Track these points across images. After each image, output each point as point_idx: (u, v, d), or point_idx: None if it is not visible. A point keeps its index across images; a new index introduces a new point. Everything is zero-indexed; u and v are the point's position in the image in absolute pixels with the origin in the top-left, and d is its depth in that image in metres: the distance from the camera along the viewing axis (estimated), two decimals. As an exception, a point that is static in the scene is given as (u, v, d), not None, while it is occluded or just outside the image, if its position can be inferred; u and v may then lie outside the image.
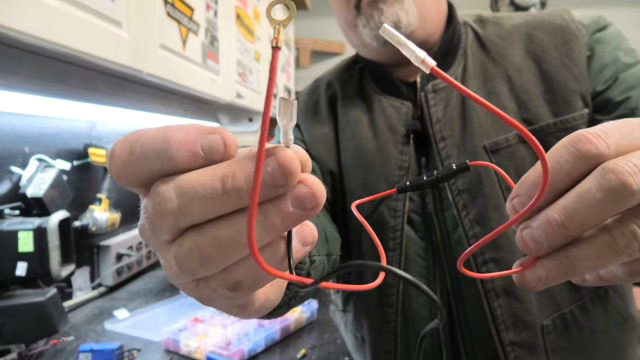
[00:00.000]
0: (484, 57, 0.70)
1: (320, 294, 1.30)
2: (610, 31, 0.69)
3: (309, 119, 0.79)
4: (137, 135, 0.23)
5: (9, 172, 1.07)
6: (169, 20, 1.09)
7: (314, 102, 0.80)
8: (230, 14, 1.56)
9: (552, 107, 0.65)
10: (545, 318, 0.64)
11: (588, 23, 0.69)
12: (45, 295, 0.89)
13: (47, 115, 1.19)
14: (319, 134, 0.76)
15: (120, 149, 0.23)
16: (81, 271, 1.32)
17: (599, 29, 0.69)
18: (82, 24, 0.77)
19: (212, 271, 0.23)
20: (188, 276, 0.24)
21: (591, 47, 0.67)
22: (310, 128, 0.78)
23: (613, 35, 0.68)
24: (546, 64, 0.67)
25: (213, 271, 0.23)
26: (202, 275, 0.23)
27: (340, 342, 0.99)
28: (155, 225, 0.23)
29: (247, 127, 2.06)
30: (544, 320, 0.63)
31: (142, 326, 1.08)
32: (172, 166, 0.22)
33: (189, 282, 0.25)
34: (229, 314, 0.29)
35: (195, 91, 1.28)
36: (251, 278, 0.24)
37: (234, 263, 0.23)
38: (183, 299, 1.28)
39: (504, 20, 0.74)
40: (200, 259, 0.22)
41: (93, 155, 1.31)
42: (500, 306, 0.63)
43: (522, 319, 0.63)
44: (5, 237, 0.89)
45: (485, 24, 0.74)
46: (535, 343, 0.63)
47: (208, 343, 0.91)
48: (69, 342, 1.00)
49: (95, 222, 1.28)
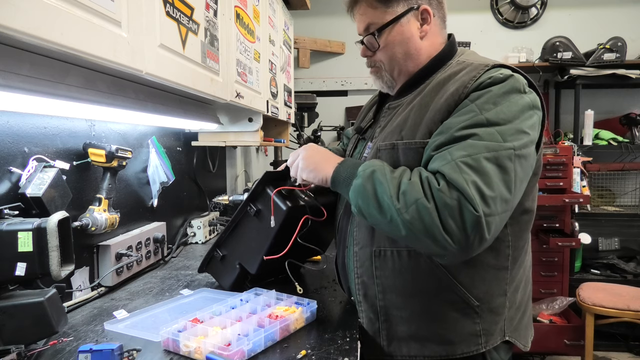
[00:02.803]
0: (422, 92, 1.05)
1: (320, 295, 1.30)
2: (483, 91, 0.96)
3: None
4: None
5: (9, 172, 1.07)
6: (168, 20, 1.08)
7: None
8: (230, 14, 1.56)
9: (415, 133, 1.00)
10: (374, 247, 1.06)
11: (479, 82, 0.96)
12: (44, 295, 0.89)
13: (46, 115, 1.18)
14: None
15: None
16: (81, 271, 1.32)
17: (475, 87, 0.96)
18: (81, 23, 0.77)
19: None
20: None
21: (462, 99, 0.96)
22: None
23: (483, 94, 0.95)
24: (432, 105, 1.00)
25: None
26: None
27: (340, 342, 0.99)
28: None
29: (246, 127, 2.06)
30: (373, 247, 1.06)
31: (141, 326, 1.08)
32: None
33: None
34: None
35: (195, 91, 1.27)
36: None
37: None
38: (182, 300, 1.27)
39: (457, 65, 1.05)
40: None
41: (92, 155, 1.31)
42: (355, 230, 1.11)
43: (361, 241, 1.09)
44: (5, 237, 0.89)
45: (451, 68, 1.05)
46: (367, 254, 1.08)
47: (208, 343, 0.90)
48: (68, 343, 1.00)
49: (94, 222, 1.28)
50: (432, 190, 0.86)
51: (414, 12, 1.06)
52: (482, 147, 0.87)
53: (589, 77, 3.12)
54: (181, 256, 1.83)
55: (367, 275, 1.07)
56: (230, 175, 2.75)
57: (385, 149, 1.04)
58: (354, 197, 0.96)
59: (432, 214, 0.85)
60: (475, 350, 1.03)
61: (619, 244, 3.23)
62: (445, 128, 0.94)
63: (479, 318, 1.03)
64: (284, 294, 1.16)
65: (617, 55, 3.07)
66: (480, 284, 1.02)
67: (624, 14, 3.47)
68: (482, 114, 0.91)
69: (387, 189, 0.90)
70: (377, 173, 0.94)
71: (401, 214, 0.87)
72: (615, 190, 3.41)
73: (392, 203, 0.88)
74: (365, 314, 1.09)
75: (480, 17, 3.64)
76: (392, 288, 1.05)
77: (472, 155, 0.87)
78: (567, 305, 2.93)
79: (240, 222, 1.28)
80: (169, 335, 0.95)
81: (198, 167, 2.22)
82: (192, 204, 2.18)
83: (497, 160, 0.87)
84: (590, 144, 3.17)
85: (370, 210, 0.93)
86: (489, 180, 0.85)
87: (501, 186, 0.86)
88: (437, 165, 0.89)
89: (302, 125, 3.25)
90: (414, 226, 0.86)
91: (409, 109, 1.05)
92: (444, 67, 1.07)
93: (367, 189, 0.93)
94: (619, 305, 2.56)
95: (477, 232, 0.83)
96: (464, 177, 0.84)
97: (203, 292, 1.33)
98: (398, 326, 1.06)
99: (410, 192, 0.88)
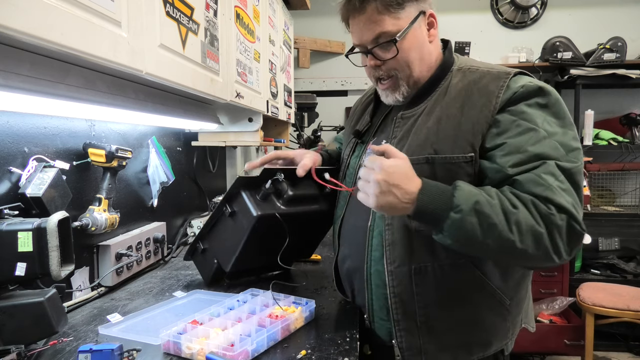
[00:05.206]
0: (440, 101, 1.04)
1: (320, 295, 1.30)
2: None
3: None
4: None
5: (9, 172, 1.07)
6: (168, 20, 1.08)
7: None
8: (230, 14, 1.56)
9: (453, 147, 0.98)
10: (413, 264, 1.01)
11: (512, 91, 0.97)
12: (44, 295, 0.89)
13: (46, 115, 1.18)
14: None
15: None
16: (81, 271, 1.31)
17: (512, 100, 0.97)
18: (81, 23, 0.77)
19: None
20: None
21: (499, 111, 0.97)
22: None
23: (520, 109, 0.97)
24: (464, 117, 0.99)
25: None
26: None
27: (340, 342, 0.99)
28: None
29: (246, 127, 2.06)
30: (413, 265, 1.01)
31: (137, 330, 1.06)
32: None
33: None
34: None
35: (195, 91, 1.27)
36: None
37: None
38: (176, 302, 1.27)
39: (470, 72, 1.05)
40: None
41: (92, 155, 1.31)
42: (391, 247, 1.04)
43: (397, 259, 1.03)
44: (5, 237, 0.89)
45: (459, 74, 1.06)
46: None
47: (211, 345, 0.90)
48: (68, 343, 1.00)
49: (94, 222, 1.28)
50: (541, 215, 0.88)
51: (422, 16, 1.04)
52: (566, 170, 0.92)
53: (589, 77, 3.12)
54: (181, 256, 1.83)
55: (406, 292, 1.02)
56: (230, 175, 2.74)
57: (419, 163, 0.98)
58: (454, 232, 0.88)
59: (544, 238, 0.87)
60: (504, 344, 1.07)
61: (619, 244, 3.23)
62: (514, 148, 0.93)
63: (509, 315, 1.06)
64: (281, 294, 1.15)
65: (617, 55, 3.07)
66: (511, 283, 1.05)
67: (624, 14, 3.47)
68: (547, 131, 0.94)
69: (496, 221, 0.86)
70: (480, 205, 0.86)
71: (515, 244, 0.87)
72: (615, 190, 3.41)
73: (506, 235, 0.86)
74: (406, 332, 1.03)
75: (480, 17, 3.64)
76: (433, 302, 1.02)
77: (560, 180, 0.91)
78: (567, 305, 2.93)
79: (218, 220, 1.31)
80: (170, 337, 0.95)
81: (198, 167, 2.21)
82: (192, 204, 2.18)
83: (574, 177, 0.93)
84: (590, 144, 3.17)
85: (474, 245, 0.89)
86: (576, 198, 0.91)
87: (580, 200, 0.93)
88: (538, 191, 0.89)
89: (302, 125, 3.25)
90: (527, 252, 0.88)
91: (435, 120, 1.02)
92: (451, 72, 1.07)
93: (472, 223, 0.86)
94: (619, 305, 2.56)
95: (579, 244, 0.91)
96: (566, 199, 0.89)
97: (196, 293, 1.33)
98: (441, 338, 1.03)
99: (524, 221, 0.87)
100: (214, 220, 1.31)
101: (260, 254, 1.29)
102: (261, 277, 1.44)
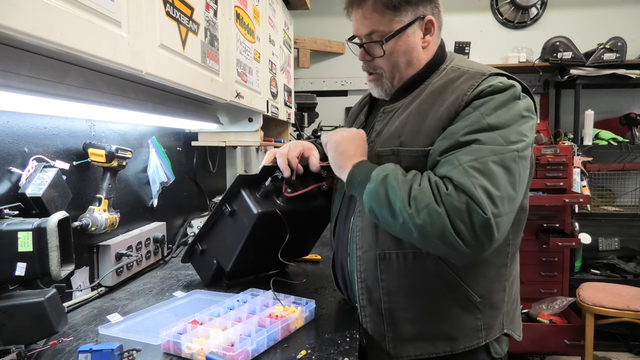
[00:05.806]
0: (417, 97, 1.07)
1: (320, 295, 1.30)
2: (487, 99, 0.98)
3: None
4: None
5: (9, 172, 1.07)
6: (168, 20, 1.08)
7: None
8: (230, 14, 1.56)
9: (416, 141, 1.02)
10: (378, 250, 1.05)
11: (480, 90, 0.98)
12: (44, 295, 0.89)
13: (46, 115, 1.18)
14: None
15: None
16: (81, 271, 1.31)
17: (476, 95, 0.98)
18: (81, 23, 0.77)
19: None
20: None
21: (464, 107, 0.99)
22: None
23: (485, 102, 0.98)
24: (432, 113, 1.02)
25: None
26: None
27: (340, 342, 0.99)
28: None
29: (246, 127, 2.06)
30: (378, 251, 1.05)
31: (137, 330, 1.06)
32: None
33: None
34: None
35: (195, 91, 1.27)
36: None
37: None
38: (175, 302, 1.26)
39: (452, 71, 1.07)
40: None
41: (92, 155, 1.31)
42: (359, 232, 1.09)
43: (365, 245, 1.08)
44: (5, 237, 0.89)
45: (443, 73, 1.08)
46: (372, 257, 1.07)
47: (211, 345, 0.90)
48: (68, 343, 1.00)
49: (94, 222, 1.28)
50: (441, 195, 0.89)
51: (419, 22, 1.06)
52: (488, 150, 0.91)
53: (589, 77, 3.12)
54: (181, 256, 1.83)
55: (371, 279, 1.07)
56: (230, 175, 2.74)
57: (386, 154, 1.05)
58: (368, 200, 0.97)
59: (442, 217, 0.87)
60: (476, 344, 1.06)
61: (619, 244, 3.23)
62: (449, 134, 0.97)
63: (480, 313, 1.05)
64: (281, 294, 1.15)
65: (617, 55, 3.07)
66: (482, 282, 1.05)
67: (625, 14, 3.47)
68: (485, 119, 0.94)
69: (399, 194, 0.92)
70: (389, 177, 0.95)
71: (413, 218, 0.90)
72: (615, 190, 3.41)
73: (404, 207, 0.91)
74: (370, 318, 1.08)
75: (480, 17, 3.64)
76: (397, 290, 1.05)
77: (479, 159, 0.90)
78: (567, 305, 2.92)
79: (217, 220, 1.30)
80: (170, 337, 0.95)
81: (198, 167, 2.21)
82: (192, 204, 2.18)
83: (503, 162, 0.90)
84: (591, 144, 3.17)
85: (383, 214, 0.95)
86: (496, 182, 0.89)
87: (508, 187, 0.90)
88: (445, 170, 0.92)
89: (302, 125, 3.25)
90: (426, 230, 0.89)
91: (407, 115, 1.06)
92: (438, 71, 1.09)
93: (380, 193, 0.94)
94: (619, 305, 2.56)
95: (486, 233, 0.87)
96: (472, 181, 0.88)
97: (196, 293, 1.33)
98: (404, 327, 1.06)
99: (421, 196, 0.90)
100: (212, 221, 1.31)
101: (260, 253, 1.29)
102: (260, 276, 1.44)
